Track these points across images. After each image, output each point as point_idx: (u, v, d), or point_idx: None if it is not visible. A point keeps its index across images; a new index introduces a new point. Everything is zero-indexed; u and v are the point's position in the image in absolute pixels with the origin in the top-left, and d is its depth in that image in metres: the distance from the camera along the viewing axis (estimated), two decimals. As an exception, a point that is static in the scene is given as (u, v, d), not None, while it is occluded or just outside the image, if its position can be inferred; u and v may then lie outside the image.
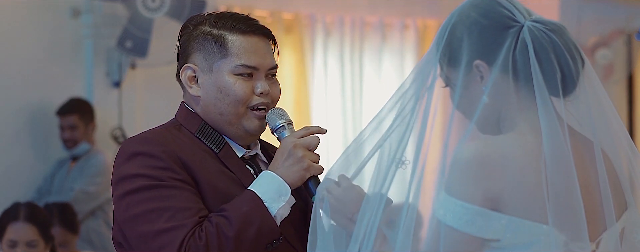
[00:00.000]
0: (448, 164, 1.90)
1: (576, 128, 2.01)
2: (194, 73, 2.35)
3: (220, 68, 2.33)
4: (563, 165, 1.90)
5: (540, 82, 1.94)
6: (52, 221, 4.55)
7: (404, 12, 7.01)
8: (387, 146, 2.04)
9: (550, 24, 1.98)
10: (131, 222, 2.23)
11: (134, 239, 2.23)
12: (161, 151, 2.25)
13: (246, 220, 2.19)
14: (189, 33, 2.37)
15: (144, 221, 2.21)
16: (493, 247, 1.91)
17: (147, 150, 2.25)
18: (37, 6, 5.93)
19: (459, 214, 1.87)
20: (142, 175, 2.23)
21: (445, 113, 2.00)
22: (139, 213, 2.22)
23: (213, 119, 2.35)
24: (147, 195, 2.22)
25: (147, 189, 2.22)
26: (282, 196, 2.24)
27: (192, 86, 2.35)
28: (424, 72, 2.04)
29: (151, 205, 2.21)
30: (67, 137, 5.85)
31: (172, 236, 2.17)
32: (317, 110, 6.69)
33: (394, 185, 2.03)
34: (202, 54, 2.34)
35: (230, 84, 2.32)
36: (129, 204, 2.24)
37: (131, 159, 2.26)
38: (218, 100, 2.33)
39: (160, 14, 5.90)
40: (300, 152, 2.27)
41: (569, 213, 1.89)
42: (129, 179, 2.24)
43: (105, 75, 6.12)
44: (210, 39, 2.33)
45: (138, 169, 2.24)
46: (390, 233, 1.98)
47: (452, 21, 2.01)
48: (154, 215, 2.20)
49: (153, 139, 2.29)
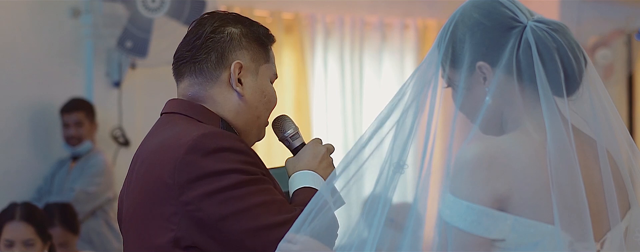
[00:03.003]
0: (452, 165, 1.90)
1: (580, 127, 2.01)
2: (241, 71, 2.33)
3: (264, 72, 2.35)
4: (568, 165, 1.90)
5: (544, 82, 1.93)
6: (49, 220, 4.55)
7: (404, 12, 7.01)
8: (389, 150, 2.03)
9: (552, 24, 1.98)
10: (235, 216, 2.17)
11: (246, 234, 2.17)
12: (245, 147, 2.23)
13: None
14: (222, 28, 2.33)
15: (251, 215, 2.17)
16: (498, 247, 1.90)
17: (230, 145, 2.21)
18: (37, 6, 5.92)
19: (464, 215, 1.87)
20: (237, 170, 2.18)
21: (446, 114, 2.00)
22: (244, 208, 2.17)
23: (247, 120, 2.34)
24: (248, 190, 2.18)
25: (246, 183, 2.18)
26: None
27: (239, 84, 2.32)
28: (425, 74, 2.04)
29: (255, 199, 2.18)
30: (72, 134, 5.83)
31: (285, 229, 2.10)
32: (317, 110, 6.69)
33: (398, 187, 2.02)
34: (250, 54, 2.33)
35: (271, 91, 2.37)
36: (231, 199, 2.17)
37: (216, 154, 2.19)
38: (261, 103, 2.34)
39: (160, 14, 5.90)
40: (331, 158, 2.39)
41: (574, 213, 1.89)
42: (220, 175, 2.17)
43: (105, 75, 6.11)
44: (258, 42, 2.35)
45: (230, 164, 2.18)
46: (398, 236, 1.97)
47: (454, 22, 2.01)
48: (262, 209, 2.17)
49: (230, 134, 2.25)
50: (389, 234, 1.98)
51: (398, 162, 2.00)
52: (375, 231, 1.97)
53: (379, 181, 2.02)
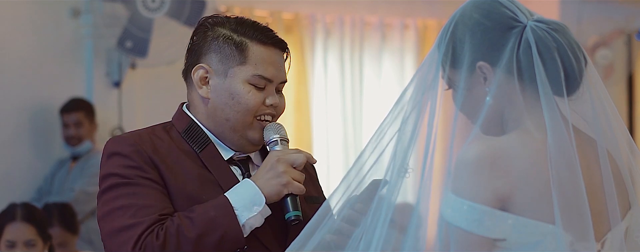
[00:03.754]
0: (453, 165, 1.90)
1: (581, 127, 2.01)
2: (206, 74, 2.34)
3: (236, 74, 2.32)
4: (569, 164, 1.90)
5: (544, 82, 1.93)
6: (49, 221, 4.55)
7: (404, 12, 7.00)
8: (391, 157, 2.02)
9: (552, 24, 1.98)
10: (103, 220, 2.26)
11: (104, 236, 2.25)
12: (131, 151, 2.27)
13: (211, 225, 2.18)
14: (204, 32, 2.36)
15: (110, 218, 2.23)
16: (499, 247, 1.90)
17: (120, 149, 2.28)
18: (37, 6, 5.92)
19: (466, 214, 1.87)
20: (114, 174, 2.26)
21: (447, 116, 2.00)
22: (107, 211, 2.25)
23: (217, 123, 2.34)
24: (116, 193, 2.24)
25: (116, 187, 2.25)
26: (255, 205, 2.22)
27: (202, 87, 2.34)
28: (425, 77, 2.03)
29: (118, 202, 2.23)
30: (72, 134, 5.84)
31: (131, 232, 2.18)
32: (317, 110, 6.68)
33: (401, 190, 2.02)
34: (218, 56, 2.33)
35: (244, 92, 2.31)
36: (103, 203, 2.27)
37: (109, 159, 2.30)
38: (228, 106, 2.32)
39: (160, 14, 5.90)
40: (282, 167, 2.25)
41: (575, 213, 1.89)
42: (104, 179, 2.28)
43: (105, 75, 6.12)
44: (231, 44, 2.32)
45: (112, 168, 2.27)
46: (401, 238, 1.96)
47: (454, 23, 2.01)
48: (120, 212, 2.22)
49: (127, 138, 2.31)
50: (392, 236, 1.98)
51: (401, 166, 1.99)
52: (379, 232, 1.97)
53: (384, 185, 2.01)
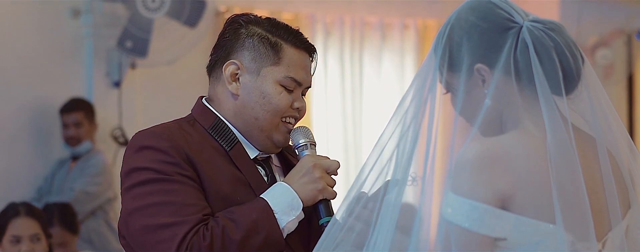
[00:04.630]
0: (454, 164, 1.89)
1: (580, 126, 2.01)
2: (237, 70, 2.34)
3: (268, 74, 2.33)
4: (569, 164, 1.90)
5: (542, 82, 1.93)
6: (49, 220, 4.55)
7: (404, 12, 7.01)
8: (394, 163, 2.02)
9: (548, 23, 1.98)
10: (135, 215, 2.22)
11: (136, 231, 2.22)
12: (169, 146, 2.24)
13: (254, 227, 2.19)
14: (237, 29, 2.36)
15: (147, 213, 2.20)
16: (500, 246, 1.90)
17: (155, 144, 2.25)
18: (37, 6, 5.92)
19: (468, 213, 1.87)
20: (149, 168, 2.23)
21: (446, 120, 1.99)
22: (143, 205, 2.21)
23: (245, 121, 2.34)
24: (153, 188, 2.22)
25: (152, 182, 2.22)
26: (293, 209, 2.24)
27: (232, 83, 2.34)
28: (423, 81, 2.02)
29: (156, 198, 2.20)
30: (71, 135, 5.84)
31: (174, 230, 2.16)
32: (317, 110, 6.68)
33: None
34: (252, 54, 2.33)
35: (275, 93, 2.33)
36: (134, 196, 2.23)
37: (140, 152, 2.26)
38: (258, 104, 2.33)
39: (160, 14, 5.90)
40: (318, 173, 2.28)
41: (576, 212, 1.89)
42: (136, 172, 2.24)
43: (105, 75, 6.12)
44: (266, 43, 2.33)
45: (146, 162, 2.24)
46: (405, 239, 1.96)
47: (449, 26, 2.00)
48: (158, 208, 2.20)
49: (162, 133, 2.28)
50: (396, 238, 1.98)
51: (404, 176, 1.99)
52: (384, 236, 1.96)
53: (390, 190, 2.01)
